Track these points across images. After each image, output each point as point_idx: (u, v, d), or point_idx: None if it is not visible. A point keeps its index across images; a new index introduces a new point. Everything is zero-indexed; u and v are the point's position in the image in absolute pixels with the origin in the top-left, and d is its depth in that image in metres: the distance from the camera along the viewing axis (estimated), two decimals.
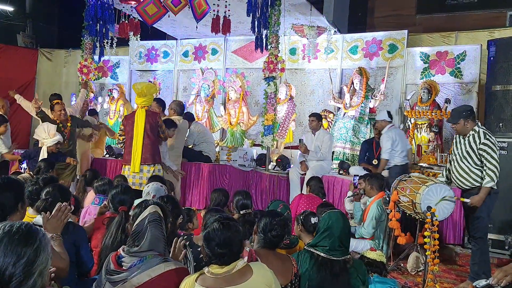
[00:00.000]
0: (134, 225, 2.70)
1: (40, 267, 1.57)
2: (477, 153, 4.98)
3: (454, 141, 5.38)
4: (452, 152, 5.35)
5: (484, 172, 4.95)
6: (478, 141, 4.97)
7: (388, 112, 7.18)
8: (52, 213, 2.93)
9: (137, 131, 6.26)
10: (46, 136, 6.96)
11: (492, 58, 6.72)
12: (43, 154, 7.06)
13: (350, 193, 6.16)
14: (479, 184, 5.03)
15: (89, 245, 3.87)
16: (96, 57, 9.24)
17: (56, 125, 7.02)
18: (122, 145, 6.52)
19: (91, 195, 5.53)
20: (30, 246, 1.57)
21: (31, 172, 5.96)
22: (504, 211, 6.34)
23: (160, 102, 7.43)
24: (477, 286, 2.07)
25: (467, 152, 5.05)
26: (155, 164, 6.31)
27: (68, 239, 3.00)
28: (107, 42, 8.78)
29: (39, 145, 7.20)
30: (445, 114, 7.33)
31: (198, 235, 3.77)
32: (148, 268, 2.50)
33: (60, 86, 12.43)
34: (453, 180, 5.35)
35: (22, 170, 6.87)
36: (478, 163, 5.01)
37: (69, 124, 7.35)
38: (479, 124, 5.13)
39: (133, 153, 6.25)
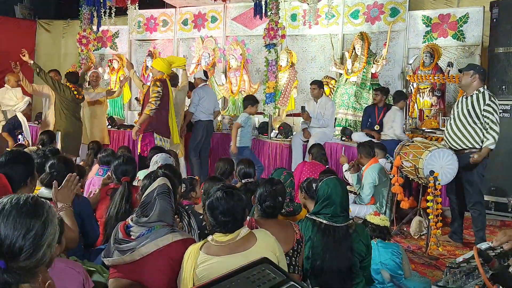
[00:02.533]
0: (143, 196, 2.73)
1: (48, 239, 1.58)
2: (479, 113, 4.95)
3: (455, 103, 5.35)
4: (452, 111, 5.32)
5: (486, 133, 4.94)
6: (482, 102, 4.93)
7: (205, 72, 8.13)
8: (63, 183, 2.94)
9: (171, 105, 6.54)
10: (16, 101, 6.98)
11: (495, 20, 6.64)
12: (23, 121, 7.09)
13: (346, 166, 6.16)
14: (470, 146, 5.03)
15: (95, 216, 3.90)
16: (94, 27, 9.16)
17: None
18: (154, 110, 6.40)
19: (95, 167, 5.56)
20: (39, 218, 1.57)
21: (39, 145, 5.96)
22: (506, 174, 6.36)
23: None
24: (481, 248, 2.08)
25: (468, 111, 5.02)
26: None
27: (74, 210, 3.02)
28: (105, 12, 8.69)
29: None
30: (448, 78, 7.28)
31: (200, 204, 3.81)
32: (156, 238, 2.53)
33: (59, 58, 12.35)
34: (445, 139, 5.33)
35: (22, 141, 6.83)
36: (477, 122, 4.97)
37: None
38: (485, 87, 5.09)
39: (172, 126, 6.56)
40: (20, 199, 1.60)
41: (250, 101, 7.20)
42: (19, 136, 7.64)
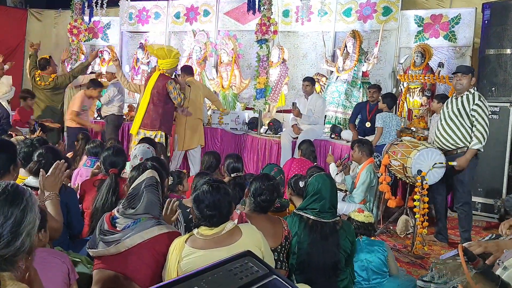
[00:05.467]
0: (131, 188, 2.72)
1: (27, 228, 1.56)
2: (468, 113, 4.97)
3: (445, 103, 5.36)
4: (441, 112, 5.33)
5: (472, 134, 4.96)
6: (471, 102, 4.96)
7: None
8: (50, 171, 2.92)
9: (145, 94, 6.27)
10: (8, 89, 6.96)
11: (486, 22, 6.65)
12: (8, 108, 7.06)
13: (332, 166, 6.08)
14: (461, 145, 5.05)
15: (81, 207, 3.88)
16: (86, 18, 9.10)
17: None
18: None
19: (83, 158, 5.53)
20: (17, 206, 1.54)
21: (25, 135, 5.91)
22: (493, 175, 6.40)
23: (184, 70, 7.30)
24: (467, 247, 2.09)
25: (458, 110, 5.03)
26: (154, 130, 6.27)
27: (60, 200, 3.00)
28: (96, 3, 8.63)
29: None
30: (438, 78, 7.30)
31: (189, 198, 3.79)
32: (142, 230, 2.52)
33: (50, 48, 12.24)
34: (434, 140, 5.35)
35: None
36: (466, 123, 5.00)
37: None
38: (475, 88, 5.13)
39: (136, 115, 6.32)
40: None
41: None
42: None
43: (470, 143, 5.00)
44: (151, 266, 2.53)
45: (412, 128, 7.09)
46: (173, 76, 6.46)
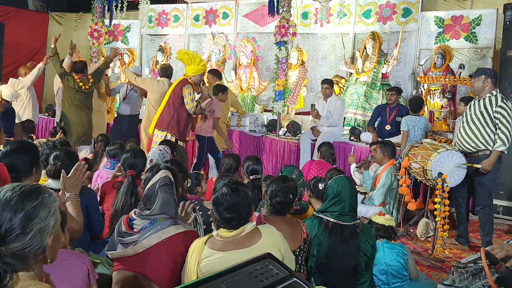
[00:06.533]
0: (146, 189, 2.72)
1: (40, 225, 1.56)
2: (492, 115, 4.89)
3: (468, 106, 5.30)
4: (464, 115, 5.28)
5: (496, 136, 4.88)
6: (494, 104, 4.87)
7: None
8: (71, 172, 2.94)
9: (166, 96, 6.44)
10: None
11: (508, 23, 6.57)
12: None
13: (354, 166, 6.09)
14: (483, 148, 4.97)
15: (101, 208, 3.91)
16: (106, 21, 9.19)
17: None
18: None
19: (104, 160, 5.58)
20: (30, 201, 1.56)
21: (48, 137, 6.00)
22: None
23: (214, 73, 7.34)
24: (490, 251, 2.06)
25: (481, 113, 4.95)
26: (163, 130, 6.34)
27: (81, 201, 3.02)
28: (116, 6, 8.71)
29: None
30: (459, 80, 7.22)
31: (209, 200, 3.80)
32: (159, 231, 2.53)
33: None
34: (456, 143, 5.29)
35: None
36: (489, 125, 4.92)
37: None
38: (498, 90, 5.05)
39: (155, 115, 6.48)
40: (18, 186, 1.60)
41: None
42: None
43: (491, 146, 4.93)
44: (169, 265, 2.54)
45: (434, 131, 7.03)
46: (201, 84, 6.54)
